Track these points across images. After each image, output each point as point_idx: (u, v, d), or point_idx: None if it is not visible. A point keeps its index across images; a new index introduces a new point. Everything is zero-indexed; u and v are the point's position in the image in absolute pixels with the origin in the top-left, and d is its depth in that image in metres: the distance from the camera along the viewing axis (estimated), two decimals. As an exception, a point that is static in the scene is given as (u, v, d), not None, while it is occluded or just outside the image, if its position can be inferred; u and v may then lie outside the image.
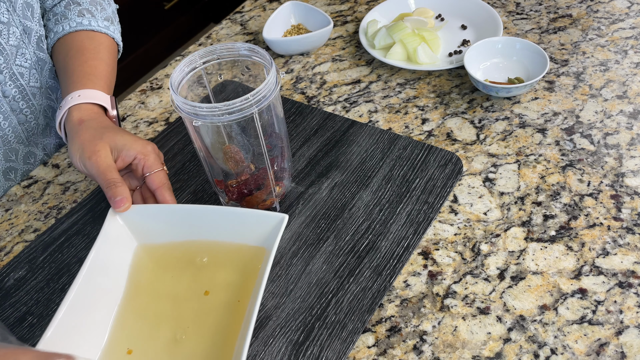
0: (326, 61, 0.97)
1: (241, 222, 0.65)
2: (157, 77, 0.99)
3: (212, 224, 0.66)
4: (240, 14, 1.10)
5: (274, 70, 0.65)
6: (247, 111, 0.62)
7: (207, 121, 0.62)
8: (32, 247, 0.74)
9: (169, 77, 0.96)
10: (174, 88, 0.65)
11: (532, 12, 1.01)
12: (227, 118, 0.62)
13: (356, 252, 0.69)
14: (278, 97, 0.67)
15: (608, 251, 0.68)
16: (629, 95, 0.85)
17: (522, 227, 0.71)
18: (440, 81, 0.91)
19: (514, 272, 0.67)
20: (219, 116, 0.62)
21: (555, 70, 0.90)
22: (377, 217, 0.73)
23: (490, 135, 0.82)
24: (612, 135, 0.80)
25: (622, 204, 0.72)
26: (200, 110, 0.62)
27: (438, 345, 0.62)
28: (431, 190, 0.75)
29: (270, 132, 0.68)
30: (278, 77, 0.65)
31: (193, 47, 1.04)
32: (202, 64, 0.69)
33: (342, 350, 0.61)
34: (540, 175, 0.76)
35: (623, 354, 0.60)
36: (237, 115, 0.62)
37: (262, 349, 0.62)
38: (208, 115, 0.62)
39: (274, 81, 0.64)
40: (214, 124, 0.63)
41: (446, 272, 0.68)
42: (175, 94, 0.64)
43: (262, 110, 0.63)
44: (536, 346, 0.61)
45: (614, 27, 0.96)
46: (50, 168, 0.86)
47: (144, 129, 0.90)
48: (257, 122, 0.64)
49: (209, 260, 0.66)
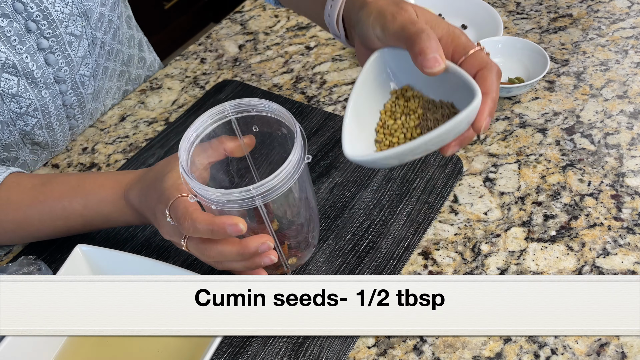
0: (326, 61, 0.97)
1: None
2: (157, 77, 0.99)
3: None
4: (240, 13, 1.10)
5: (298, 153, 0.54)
6: (249, 202, 0.53)
7: (205, 202, 0.55)
8: (31, 247, 0.74)
9: (168, 77, 0.95)
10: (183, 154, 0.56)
11: (533, 12, 1.01)
12: (226, 205, 0.54)
13: (356, 252, 0.69)
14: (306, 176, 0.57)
15: (608, 251, 0.68)
16: (630, 95, 0.85)
17: (522, 227, 0.71)
18: (440, 81, 0.91)
19: (514, 272, 0.67)
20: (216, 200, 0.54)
21: (556, 70, 0.90)
22: (377, 217, 0.72)
23: (490, 135, 0.82)
24: (613, 135, 0.80)
25: (623, 204, 0.72)
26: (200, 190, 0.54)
27: (438, 346, 0.62)
28: (431, 190, 0.74)
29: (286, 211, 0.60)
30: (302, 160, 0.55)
31: (193, 46, 1.03)
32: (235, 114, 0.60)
33: (342, 351, 0.61)
34: (540, 175, 0.76)
35: (623, 354, 0.60)
36: (236, 205, 0.54)
37: (262, 349, 0.62)
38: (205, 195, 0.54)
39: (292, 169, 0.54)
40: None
41: (446, 272, 0.68)
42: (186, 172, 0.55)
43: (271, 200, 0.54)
44: (536, 346, 0.61)
45: (614, 26, 0.96)
46: (50, 168, 0.86)
47: (143, 129, 0.90)
48: (262, 212, 0.55)
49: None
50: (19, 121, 0.76)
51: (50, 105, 0.78)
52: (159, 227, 0.61)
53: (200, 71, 0.99)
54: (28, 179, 0.70)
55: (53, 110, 0.79)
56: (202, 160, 0.61)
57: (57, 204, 0.67)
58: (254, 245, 0.55)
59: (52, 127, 0.81)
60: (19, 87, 0.74)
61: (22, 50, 0.72)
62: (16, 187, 0.69)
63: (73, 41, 0.77)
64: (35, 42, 0.73)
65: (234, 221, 0.53)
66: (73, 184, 0.68)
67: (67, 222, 0.68)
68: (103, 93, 0.89)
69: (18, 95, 0.74)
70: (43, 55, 0.74)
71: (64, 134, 0.85)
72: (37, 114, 0.78)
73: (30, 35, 0.72)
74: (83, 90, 0.82)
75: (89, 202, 0.66)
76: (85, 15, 0.77)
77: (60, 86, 0.78)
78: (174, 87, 0.97)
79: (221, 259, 0.57)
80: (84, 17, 0.77)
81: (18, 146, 0.80)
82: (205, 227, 0.54)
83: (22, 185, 0.69)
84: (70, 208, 0.67)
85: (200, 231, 0.55)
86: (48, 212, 0.67)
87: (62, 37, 0.75)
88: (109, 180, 0.67)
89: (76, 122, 0.86)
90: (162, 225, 0.60)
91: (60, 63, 0.76)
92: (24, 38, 0.72)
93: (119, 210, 0.66)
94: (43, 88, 0.76)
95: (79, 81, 0.81)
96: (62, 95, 0.80)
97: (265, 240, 0.55)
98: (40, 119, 0.78)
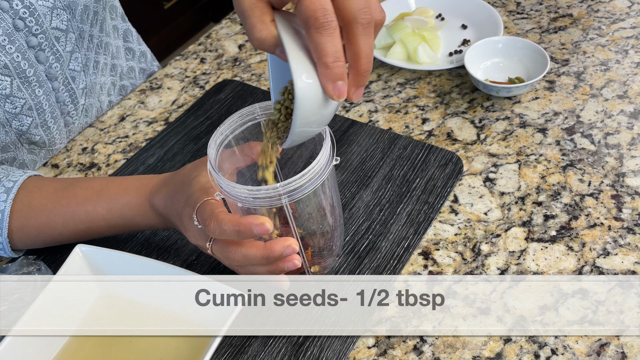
0: (326, 61, 0.97)
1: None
2: (157, 76, 0.99)
3: (173, 289, 0.62)
4: (240, 13, 1.10)
5: (326, 154, 0.54)
6: (276, 200, 0.53)
7: (231, 199, 0.55)
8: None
9: (168, 77, 0.95)
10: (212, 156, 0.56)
11: (533, 12, 1.01)
12: (252, 202, 0.54)
13: (356, 252, 0.69)
14: (331, 177, 0.57)
15: (609, 251, 0.68)
16: (630, 95, 0.85)
17: (522, 227, 0.71)
18: (440, 81, 0.91)
19: (514, 272, 0.67)
20: (243, 197, 0.54)
21: (556, 69, 0.90)
22: (377, 217, 0.72)
23: (490, 135, 0.82)
24: (613, 135, 0.80)
25: (623, 204, 0.72)
26: (227, 187, 0.54)
27: (438, 346, 0.62)
28: (431, 190, 0.74)
29: (311, 215, 0.60)
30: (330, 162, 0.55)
31: (193, 46, 1.03)
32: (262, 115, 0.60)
33: (342, 351, 0.61)
34: (540, 175, 0.76)
35: (624, 354, 0.59)
36: (262, 202, 0.54)
37: (262, 349, 0.62)
38: (232, 192, 0.54)
39: (320, 170, 0.53)
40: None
41: (446, 273, 0.68)
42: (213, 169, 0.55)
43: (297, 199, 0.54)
44: (537, 346, 0.61)
45: (614, 26, 0.96)
46: (50, 168, 0.86)
47: (143, 129, 0.90)
48: (288, 213, 0.55)
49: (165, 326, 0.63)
50: (14, 121, 0.76)
51: (45, 104, 0.78)
52: (185, 230, 0.61)
53: (200, 71, 0.99)
54: (50, 183, 0.70)
55: (47, 108, 0.79)
56: (230, 165, 0.61)
57: (80, 209, 0.67)
58: (278, 248, 0.54)
59: (47, 125, 0.81)
60: (12, 87, 0.73)
61: (12, 49, 0.71)
62: (37, 191, 0.68)
63: (60, 36, 0.76)
64: (24, 40, 0.73)
65: (260, 221, 0.52)
66: (97, 188, 0.68)
67: (91, 226, 0.68)
68: (97, 88, 0.88)
69: (12, 95, 0.74)
70: (33, 53, 0.74)
71: (60, 132, 0.85)
72: (32, 113, 0.77)
73: (19, 33, 0.72)
74: (74, 85, 0.82)
75: (113, 207, 0.66)
76: (69, 8, 0.76)
77: (52, 83, 0.78)
78: (173, 87, 0.96)
79: (246, 262, 0.56)
80: (68, 10, 0.76)
81: (15, 146, 0.80)
82: (232, 227, 0.53)
83: (44, 189, 0.69)
84: (94, 212, 0.67)
85: (226, 232, 0.54)
86: (71, 217, 0.67)
87: (49, 33, 0.75)
88: (134, 184, 0.67)
89: (71, 118, 0.85)
90: (188, 228, 0.60)
91: (50, 60, 0.76)
92: (13, 37, 0.71)
93: (143, 214, 0.66)
94: (36, 86, 0.76)
95: (70, 76, 0.80)
96: (55, 92, 0.80)
97: (290, 244, 0.54)
98: (35, 118, 0.78)
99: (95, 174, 0.84)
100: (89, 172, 0.84)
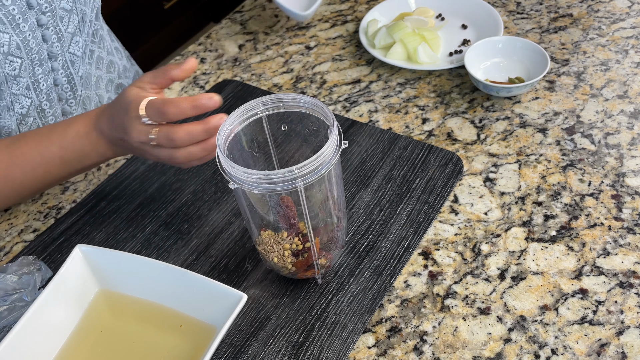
0: (326, 61, 0.97)
1: (199, 293, 0.61)
2: (157, 76, 0.99)
3: (173, 289, 0.62)
4: (240, 13, 1.10)
5: (335, 138, 0.57)
6: (291, 184, 0.55)
7: (245, 187, 0.56)
8: (31, 247, 0.74)
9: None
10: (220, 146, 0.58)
11: (533, 12, 1.01)
12: (267, 188, 0.56)
13: (356, 252, 0.69)
14: (337, 165, 0.60)
15: (609, 251, 0.68)
16: (630, 95, 0.85)
17: (522, 227, 0.71)
18: (440, 81, 0.91)
19: (514, 272, 0.67)
20: (258, 184, 0.56)
21: (556, 69, 0.90)
22: (377, 217, 0.72)
23: (490, 135, 0.82)
24: (613, 135, 0.80)
25: (623, 204, 0.72)
26: (240, 175, 0.56)
27: (438, 346, 0.62)
28: (431, 190, 0.74)
29: (320, 203, 0.61)
30: (338, 146, 0.57)
31: (193, 46, 1.03)
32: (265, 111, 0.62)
33: (342, 351, 0.61)
34: (540, 175, 0.76)
35: (624, 354, 0.59)
36: (278, 187, 0.55)
37: (262, 349, 0.62)
38: (246, 180, 0.56)
39: (331, 152, 0.56)
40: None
41: (446, 272, 0.68)
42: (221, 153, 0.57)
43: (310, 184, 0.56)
44: (537, 346, 0.61)
45: (614, 26, 0.96)
46: (50, 168, 0.86)
47: (143, 129, 0.89)
48: (301, 197, 0.57)
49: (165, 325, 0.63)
50: (16, 104, 0.77)
51: (42, 84, 0.79)
52: (129, 133, 0.66)
53: (200, 71, 0.99)
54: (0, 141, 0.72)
55: (44, 89, 0.79)
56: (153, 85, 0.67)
57: (34, 152, 0.70)
58: (215, 120, 0.62)
59: (41, 108, 0.81)
60: (22, 68, 0.75)
61: (25, 28, 0.73)
62: None
63: (64, 15, 0.78)
64: (35, 19, 0.74)
65: (209, 95, 0.62)
66: (45, 131, 0.71)
67: (47, 167, 0.71)
68: (93, 80, 0.88)
69: (19, 76, 0.75)
70: (40, 31, 0.75)
71: (56, 120, 0.84)
72: (30, 94, 0.78)
73: (31, 11, 0.73)
74: (73, 70, 0.82)
75: (64, 141, 0.70)
76: None
77: (52, 63, 0.79)
78: (173, 87, 0.96)
79: (189, 140, 0.63)
80: None
81: None
82: (188, 104, 0.62)
83: None
84: (47, 152, 0.70)
85: (185, 110, 0.62)
86: (27, 163, 0.70)
87: (56, 12, 0.76)
88: (78, 118, 0.71)
89: (69, 107, 0.85)
90: (132, 129, 0.65)
91: (52, 38, 0.77)
92: (27, 15, 0.72)
93: (93, 142, 0.70)
94: (37, 65, 0.77)
95: (69, 60, 0.81)
96: (54, 73, 0.80)
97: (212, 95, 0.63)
98: (34, 99, 0.79)
99: (95, 173, 0.84)
100: (89, 172, 0.84)
